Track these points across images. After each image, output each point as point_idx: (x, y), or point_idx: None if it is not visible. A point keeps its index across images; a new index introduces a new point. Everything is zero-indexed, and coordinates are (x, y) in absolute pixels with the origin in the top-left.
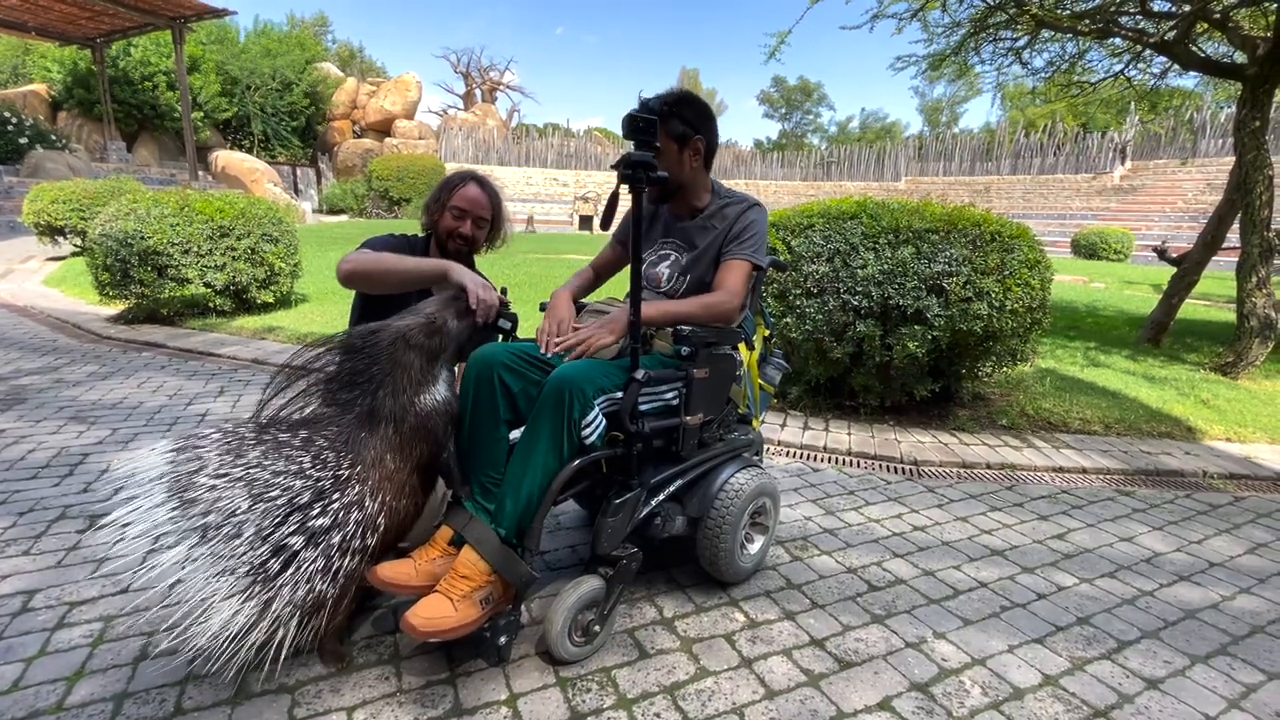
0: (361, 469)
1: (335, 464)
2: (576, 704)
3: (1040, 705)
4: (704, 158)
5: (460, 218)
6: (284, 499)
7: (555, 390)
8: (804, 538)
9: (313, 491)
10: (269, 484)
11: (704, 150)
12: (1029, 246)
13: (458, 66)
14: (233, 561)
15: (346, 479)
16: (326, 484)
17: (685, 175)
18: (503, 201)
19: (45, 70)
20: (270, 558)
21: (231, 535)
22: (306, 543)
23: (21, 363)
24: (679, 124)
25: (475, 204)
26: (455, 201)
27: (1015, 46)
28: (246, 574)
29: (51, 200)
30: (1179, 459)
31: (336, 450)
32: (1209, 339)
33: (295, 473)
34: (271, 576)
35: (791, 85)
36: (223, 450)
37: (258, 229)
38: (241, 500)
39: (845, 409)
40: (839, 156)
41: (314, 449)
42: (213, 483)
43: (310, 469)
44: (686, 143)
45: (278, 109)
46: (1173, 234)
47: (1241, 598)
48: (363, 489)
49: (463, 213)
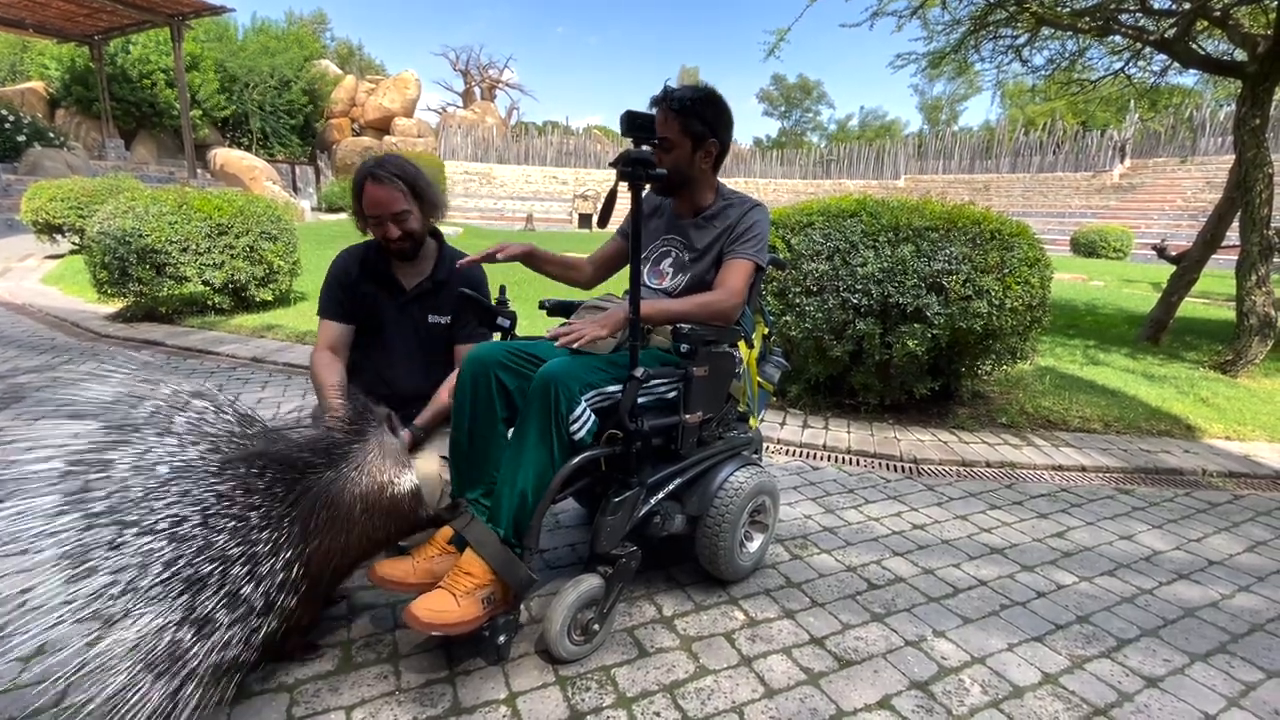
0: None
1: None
2: (576, 703)
3: (1040, 704)
4: (715, 160)
5: (378, 224)
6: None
7: (541, 387)
8: (803, 536)
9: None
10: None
11: (716, 153)
12: (1029, 244)
13: (457, 64)
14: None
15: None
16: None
17: (694, 174)
18: (418, 173)
19: (43, 67)
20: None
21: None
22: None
23: (19, 361)
24: (698, 123)
25: (379, 205)
26: (365, 209)
27: (1015, 44)
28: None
29: (50, 198)
30: (1178, 457)
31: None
32: (1208, 337)
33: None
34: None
35: (791, 83)
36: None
37: (256, 227)
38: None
39: (845, 407)
40: (838, 155)
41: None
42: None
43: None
44: (702, 143)
45: (276, 107)
46: (1172, 232)
47: (1241, 596)
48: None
49: (376, 218)
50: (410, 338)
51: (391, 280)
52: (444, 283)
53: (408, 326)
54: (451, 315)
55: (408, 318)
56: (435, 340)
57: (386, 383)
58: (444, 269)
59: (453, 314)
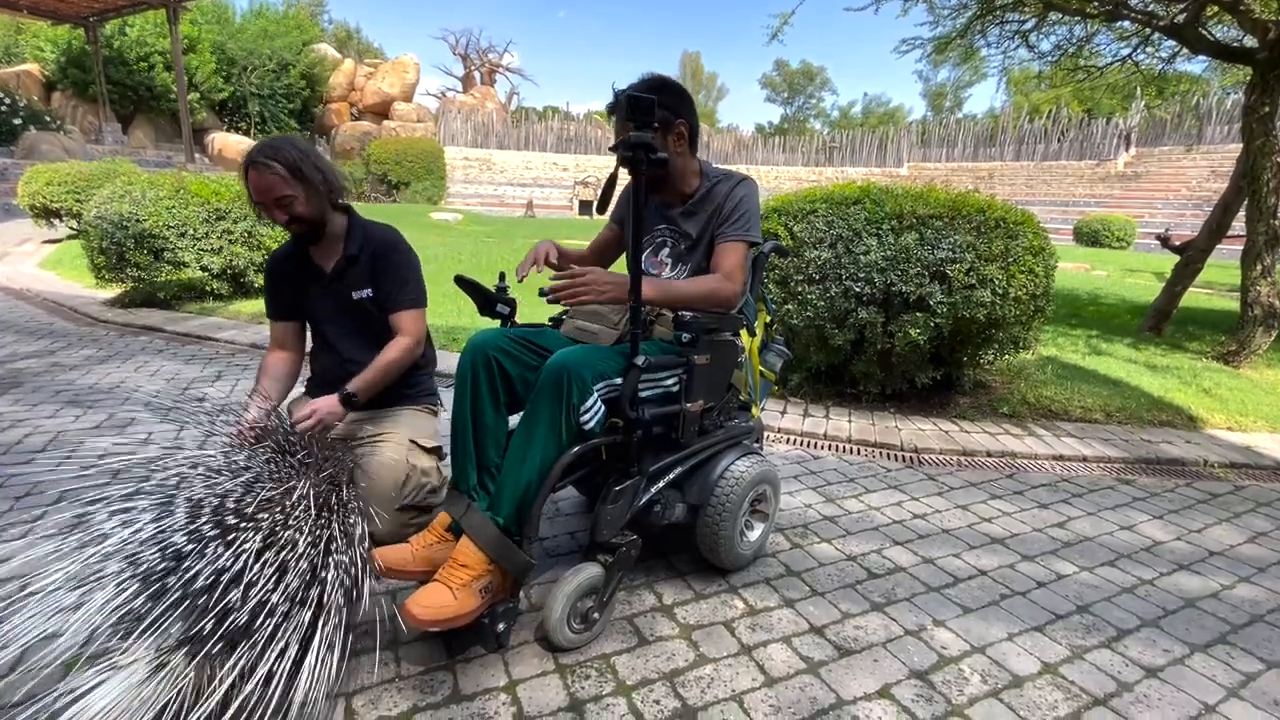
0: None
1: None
2: (576, 691)
3: (1040, 693)
4: (689, 141)
5: (266, 210)
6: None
7: (553, 376)
8: (804, 525)
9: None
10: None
11: (688, 133)
12: (1033, 233)
13: (456, 48)
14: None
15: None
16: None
17: (673, 161)
18: (302, 155)
19: (38, 50)
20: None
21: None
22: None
23: (18, 346)
24: (660, 110)
25: (261, 191)
26: (253, 199)
27: (1022, 29)
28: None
29: (46, 182)
30: (1180, 447)
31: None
32: (1211, 328)
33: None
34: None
35: (794, 69)
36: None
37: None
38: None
39: (846, 396)
40: (841, 142)
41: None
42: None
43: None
44: (670, 128)
45: (274, 91)
46: (1176, 222)
47: (1241, 586)
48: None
49: (263, 205)
50: (344, 318)
51: (312, 267)
52: (356, 257)
53: (337, 308)
54: (373, 287)
55: (335, 299)
56: (365, 315)
57: (332, 368)
58: (354, 243)
59: (373, 286)
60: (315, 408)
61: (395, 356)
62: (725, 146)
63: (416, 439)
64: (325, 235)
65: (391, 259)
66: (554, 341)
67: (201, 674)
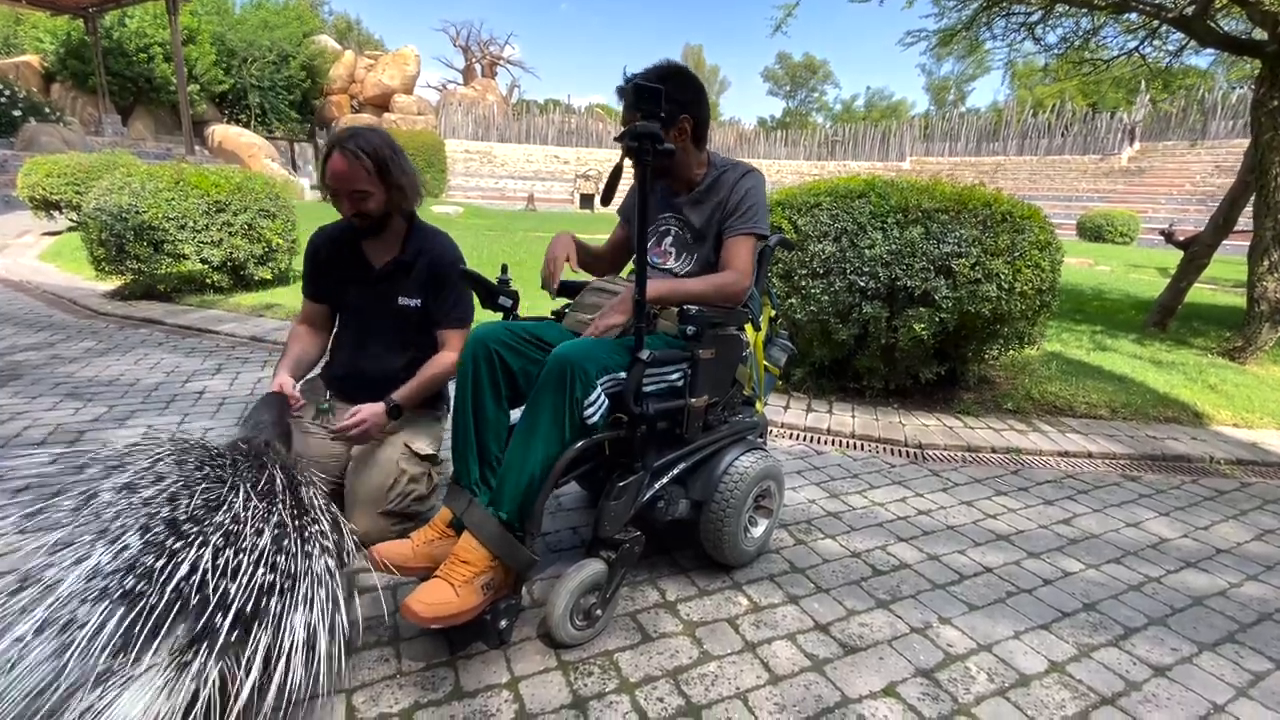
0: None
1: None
2: (578, 687)
3: (1047, 692)
4: (693, 136)
5: (335, 197)
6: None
7: (557, 369)
8: (808, 521)
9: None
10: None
11: (691, 130)
12: (1040, 228)
13: (457, 40)
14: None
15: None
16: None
17: (677, 153)
18: (394, 155)
19: (38, 41)
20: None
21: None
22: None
23: (17, 338)
24: (667, 103)
25: (340, 179)
26: (326, 178)
27: (1028, 21)
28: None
29: (46, 174)
30: (1186, 444)
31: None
32: (1216, 324)
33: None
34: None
35: (796, 62)
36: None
37: (254, 204)
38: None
39: (849, 391)
40: (844, 135)
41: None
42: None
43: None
44: (673, 123)
45: (275, 82)
46: (1180, 217)
47: (1249, 584)
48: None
49: (334, 191)
50: (382, 318)
51: (362, 258)
52: (410, 264)
53: (378, 306)
54: (422, 298)
55: (378, 297)
56: (405, 321)
57: (355, 363)
58: (411, 250)
59: (423, 297)
60: (363, 416)
61: (440, 372)
62: (728, 140)
63: (412, 444)
64: (384, 233)
65: (451, 275)
66: (557, 335)
67: (225, 666)
